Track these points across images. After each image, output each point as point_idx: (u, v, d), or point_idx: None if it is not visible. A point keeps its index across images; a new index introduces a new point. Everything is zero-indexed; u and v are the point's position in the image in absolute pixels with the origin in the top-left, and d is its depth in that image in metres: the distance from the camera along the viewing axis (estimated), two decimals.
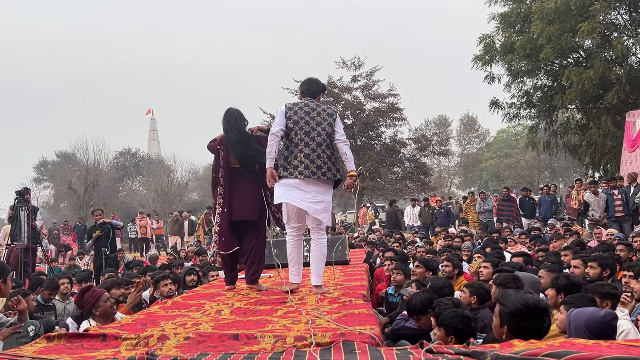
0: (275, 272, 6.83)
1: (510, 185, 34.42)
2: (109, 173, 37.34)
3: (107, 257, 10.29)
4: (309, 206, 4.89)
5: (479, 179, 51.72)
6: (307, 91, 5.25)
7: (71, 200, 33.46)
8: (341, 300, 4.44)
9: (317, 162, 4.91)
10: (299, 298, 4.64)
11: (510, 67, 19.42)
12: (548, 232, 12.11)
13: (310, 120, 4.99)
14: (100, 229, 10.54)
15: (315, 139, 4.95)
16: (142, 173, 41.39)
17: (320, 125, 5.01)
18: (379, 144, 27.07)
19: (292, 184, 4.90)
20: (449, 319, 3.39)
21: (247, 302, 4.65)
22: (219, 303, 4.66)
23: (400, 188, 26.44)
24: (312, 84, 5.29)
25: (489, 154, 49.14)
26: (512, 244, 10.12)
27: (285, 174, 4.91)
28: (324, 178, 4.92)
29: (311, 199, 4.90)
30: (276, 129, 4.93)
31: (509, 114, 20.89)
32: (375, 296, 6.93)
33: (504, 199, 16.01)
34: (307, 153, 4.92)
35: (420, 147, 27.41)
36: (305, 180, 4.88)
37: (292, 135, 4.95)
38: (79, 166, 35.34)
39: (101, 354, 3.01)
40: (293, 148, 4.95)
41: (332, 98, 26.13)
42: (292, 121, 4.96)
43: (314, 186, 4.92)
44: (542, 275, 5.13)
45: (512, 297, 3.01)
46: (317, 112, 5.06)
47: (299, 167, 4.89)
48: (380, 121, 26.50)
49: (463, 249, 9.09)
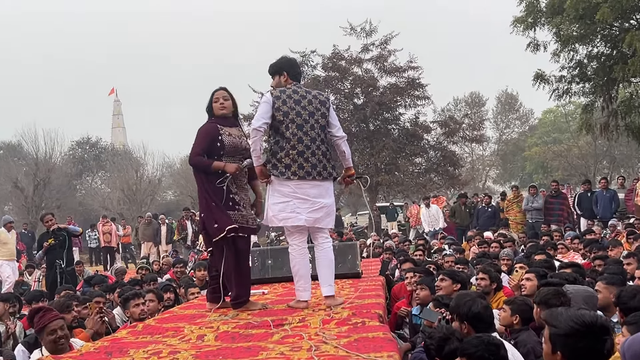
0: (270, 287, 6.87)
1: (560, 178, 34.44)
2: (63, 168, 37.46)
3: (63, 271, 10.31)
4: (308, 218, 5.10)
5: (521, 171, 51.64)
6: (297, 75, 5.38)
7: (17, 202, 33.58)
8: (352, 322, 4.44)
9: (312, 160, 5.10)
10: (299, 319, 4.65)
11: (558, 31, 19.30)
12: (608, 236, 12.09)
13: (301, 110, 5.12)
14: (53, 237, 10.57)
15: (308, 133, 5.11)
16: (105, 167, 41.55)
17: (313, 117, 5.15)
18: (396, 129, 27.02)
19: (285, 192, 5.08)
20: (473, 347, 3.41)
21: (235, 325, 4.66)
22: (202, 326, 4.67)
23: (424, 183, 26.38)
24: (297, 66, 5.46)
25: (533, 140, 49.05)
26: (563, 251, 10.12)
27: (275, 172, 5.08)
28: (320, 178, 5.12)
29: (309, 207, 5.11)
30: (259, 124, 5.03)
31: (557, 90, 20.77)
32: (394, 316, 6.94)
33: (553, 196, 15.98)
34: (301, 150, 5.08)
35: (448, 132, 27.35)
36: (299, 181, 5.06)
37: (283, 129, 5.08)
38: (26, 160, 35.53)
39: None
40: (284, 144, 5.08)
41: (339, 73, 26.09)
42: (282, 113, 5.07)
43: (310, 188, 5.11)
44: (599, 288, 5.13)
45: (564, 315, 3.02)
46: (308, 100, 5.19)
47: (291, 166, 5.05)
48: (398, 100, 26.43)
49: (502, 257, 9.09)
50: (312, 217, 5.11)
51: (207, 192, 5.20)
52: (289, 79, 5.30)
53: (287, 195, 5.09)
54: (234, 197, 5.23)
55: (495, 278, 6.48)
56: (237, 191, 5.27)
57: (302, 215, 5.08)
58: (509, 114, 55.51)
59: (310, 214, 5.11)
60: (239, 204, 5.25)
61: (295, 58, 5.49)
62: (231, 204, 5.20)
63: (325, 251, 5.26)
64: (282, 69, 5.34)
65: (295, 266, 5.19)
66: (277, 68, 5.36)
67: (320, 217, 5.16)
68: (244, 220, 5.25)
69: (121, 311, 7.05)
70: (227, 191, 5.18)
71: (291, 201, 5.09)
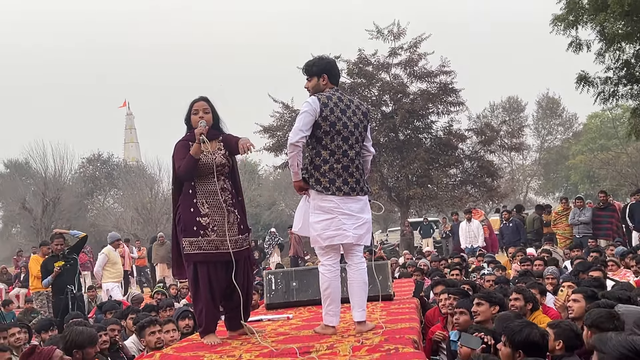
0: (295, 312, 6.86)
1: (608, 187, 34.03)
2: (73, 187, 37.89)
3: (75, 297, 10.37)
4: (354, 235, 5.07)
5: (566, 181, 51.22)
6: (337, 77, 5.31)
7: (25, 224, 34.04)
8: (384, 348, 4.42)
9: (356, 175, 5.11)
10: (327, 346, 4.64)
11: (602, 29, 19.15)
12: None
13: (347, 121, 5.09)
14: (64, 260, 10.63)
15: (353, 146, 5.11)
16: (117, 185, 41.85)
17: (357, 129, 5.15)
18: (428, 138, 26.97)
19: (329, 208, 5.02)
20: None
21: (259, 352, 4.66)
22: (222, 355, 4.68)
23: (459, 196, 26.27)
24: (337, 68, 5.36)
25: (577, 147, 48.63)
26: (614, 268, 9.98)
27: (319, 188, 5.03)
28: (361, 194, 5.13)
29: (354, 222, 5.08)
30: (297, 138, 4.95)
31: (603, 93, 20.57)
32: (429, 342, 6.89)
33: (601, 208, 15.80)
34: (346, 165, 5.06)
35: (485, 140, 27.22)
36: (343, 197, 5.03)
37: (327, 141, 5.04)
38: (34, 179, 35.92)
39: None
40: (328, 157, 5.04)
41: (365, 79, 26.12)
42: (329, 123, 5.01)
43: (353, 203, 5.09)
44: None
45: (613, 340, 3.00)
46: (352, 110, 5.15)
47: (335, 181, 5.02)
48: (430, 107, 26.39)
49: (546, 276, 8.99)
50: (357, 234, 5.08)
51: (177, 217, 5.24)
52: (329, 82, 5.19)
53: (331, 211, 5.02)
54: (201, 220, 5.14)
55: (530, 298, 6.41)
56: (208, 212, 5.16)
57: (349, 232, 5.04)
58: (550, 120, 55.19)
59: (356, 230, 5.08)
60: (207, 228, 5.14)
61: (334, 59, 5.41)
62: (195, 229, 5.13)
63: (360, 272, 5.18)
64: (323, 71, 5.18)
65: (328, 289, 5.08)
66: (318, 69, 5.18)
67: (363, 234, 5.14)
68: (211, 247, 5.15)
69: (136, 339, 7.09)
70: (195, 213, 5.13)
71: (336, 217, 5.02)
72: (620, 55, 20.13)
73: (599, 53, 20.07)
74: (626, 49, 20.03)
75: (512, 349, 4.21)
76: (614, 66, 20.26)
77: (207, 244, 5.14)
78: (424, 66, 26.42)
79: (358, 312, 5.15)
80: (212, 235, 5.15)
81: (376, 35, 26.68)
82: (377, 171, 25.00)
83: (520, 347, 4.19)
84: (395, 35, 26.47)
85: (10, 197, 35.67)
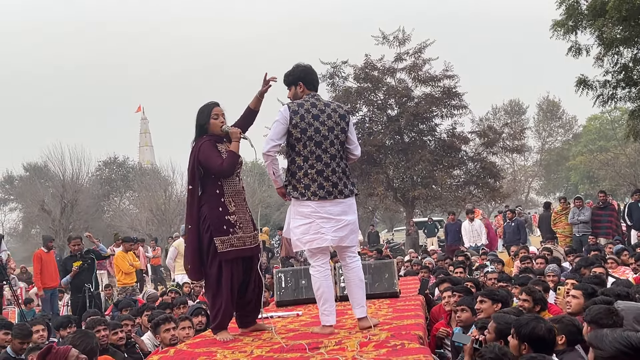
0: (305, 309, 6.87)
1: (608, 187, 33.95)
2: (90, 189, 37.97)
3: (92, 295, 10.43)
4: (333, 238, 5.02)
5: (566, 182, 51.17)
6: (314, 83, 5.27)
7: (44, 225, 34.11)
8: (390, 344, 4.42)
9: (333, 178, 5.03)
10: (335, 342, 4.64)
11: (601, 34, 19.09)
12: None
13: (320, 126, 5.04)
14: (81, 260, 10.69)
15: (328, 150, 5.04)
16: (133, 187, 41.96)
17: (333, 132, 5.07)
18: (432, 140, 26.93)
19: (307, 213, 5.01)
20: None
21: (270, 348, 4.67)
22: (235, 351, 4.70)
23: (463, 196, 26.22)
24: (313, 73, 5.30)
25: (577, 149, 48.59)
26: (614, 265, 9.96)
27: (295, 194, 5.03)
28: (341, 197, 5.05)
29: (333, 225, 5.03)
30: (268, 147, 4.99)
31: (602, 96, 20.52)
32: (433, 338, 6.89)
33: (600, 207, 15.75)
34: (320, 169, 5.01)
35: (487, 142, 27.15)
36: (320, 201, 4.99)
37: (300, 147, 5.02)
38: (53, 181, 36.01)
39: None
40: (302, 163, 5.03)
41: (371, 83, 26.12)
42: (299, 130, 5.00)
43: (332, 206, 5.04)
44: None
45: (609, 336, 2.99)
46: (327, 114, 5.09)
47: (310, 186, 5.00)
48: (434, 111, 26.34)
49: (547, 274, 8.98)
50: (337, 236, 5.03)
51: (202, 217, 5.22)
52: (306, 89, 5.18)
53: (309, 216, 5.01)
54: (230, 218, 5.19)
55: (539, 300, 6.38)
56: (235, 210, 5.23)
57: (328, 235, 4.99)
58: (551, 122, 55.09)
59: (335, 232, 5.02)
60: (235, 226, 5.20)
61: (310, 65, 5.36)
62: (225, 227, 5.17)
63: (354, 271, 5.16)
64: (297, 79, 5.21)
65: (320, 289, 5.06)
66: (292, 78, 5.22)
67: (345, 235, 5.08)
68: (240, 243, 5.21)
69: (152, 336, 7.12)
70: (223, 212, 5.17)
71: (314, 222, 5.00)
72: (619, 59, 20.08)
73: (598, 57, 20.03)
74: (624, 53, 19.98)
75: (518, 342, 4.21)
76: (613, 70, 20.22)
77: (237, 240, 5.19)
78: (428, 71, 26.41)
79: (358, 309, 5.14)
80: (240, 233, 5.22)
81: (382, 41, 26.71)
82: (383, 172, 25.00)
83: (526, 340, 4.17)
84: (401, 41, 26.49)
85: (29, 199, 35.75)
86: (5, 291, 12.05)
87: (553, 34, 19.86)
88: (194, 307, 8.00)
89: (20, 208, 41.51)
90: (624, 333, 3.01)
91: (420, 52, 26.30)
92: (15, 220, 42.66)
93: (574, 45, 19.90)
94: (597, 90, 20.43)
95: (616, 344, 2.93)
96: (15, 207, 43.28)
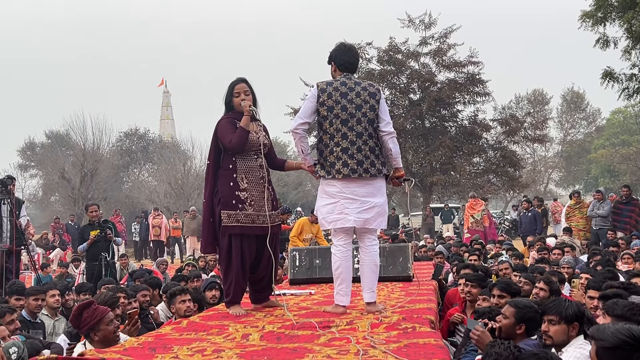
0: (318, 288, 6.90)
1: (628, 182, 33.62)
2: (111, 159, 38.17)
3: (108, 264, 10.52)
4: (357, 219, 5.02)
5: (586, 174, 50.67)
6: (345, 64, 5.24)
7: (64, 193, 34.37)
8: (402, 327, 4.44)
9: (358, 156, 5.01)
10: (347, 322, 4.67)
11: (630, 27, 18.86)
12: None
13: (347, 104, 5.04)
14: (99, 229, 10.76)
15: (354, 128, 5.03)
16: (152, 160, 42.15)
17: (360, 110, 5.05)
18: (454, 127, 26.85)
19: (332, 193, 5.05)
20: None
21: (281, 325, 4.70)
22: (247, 325, 4.73)
23: (481, 184, 26.13)
24: (351, 54, 5.29)
25: (599, 142, 48.05)
26: (629, 261, 9.88)
27: (323, 173, 5.07)
28: (367, 176, 5.02)
29: (358, 207, 5.04)
30: (296, 124, 5.06)
31: (627, 89, 20.31)
32: (446, 323, 6.89)
33: (623, 202, 15.60)
34: (345, 147, 5.01)
35: (509, 131, 27.02)
36: (345, 180, 5.00)
37: (327, 125, 5.05)
38: (74, 150, 36.20)
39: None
40: (328, 141, 5.06)
41: (394, 66, 26.00)
42: (326, 107, 5.03)
43: (358, 187, 5.04)
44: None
45: (611, 328, 3.01)
46: (357, 92, 5.09)
47: (335, 164, 5.01)
48: (457, 97, 26.26)
49: (562, 265, 8.95)
50: (361, 218, 5.02)
51: (215, 190, 5.30)
52: (337, 69, 5.21)
53: (334, 195, 5.03)
54: (240, 194, 5.20)
55: (555, 291, 6.37)
56: (247, 187, 5.23)
57: (351, 216, 5.00)
58: (574, 114, 54.52)
59: (360, 214, 5.01)
60: (245, 202, 5.20)
61: (345, 44, 5.37)
62: (234, 202, 5.19)
63: (371, 254, 5.15)
64: (330, 59, 5.27)
65: (338, 269, 5.09)
66: (329, 58, 5.28)
67: (371, 218, 5.06)
68: (248, 220, 5.21)
69: (165, 307, 7.19)
70: (234, 188, 5.20)
71: (339, 202, 5.02)
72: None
73: (626, 50, 19.79)
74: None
75: (566, 324, 4.17)
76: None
77: (245, 217, 5.19)
78: (453, 56, 26.27)
79: (367, 293, 5.14)
80: (250, 210, 5.22)
81: (407, 24, 26.55)
82: (402, 157, 24.92)
83: (576, 320, 4.17)
84: (427, 25, 26.35)
85: (50, 166, 35.99)
86: (22, 256, 12.20)
87: (581, 25, 19.64)
88: (208, 281, 8.05)
89: (41, 175, 41.74)
90: (626, 325, 3.04)
91: (446, 37, 26.17)
92: (35, 187, 42.91)
93: (602, 37, 19.67)
94: (623, 83, 20.22)
95: (619, 335, 2.95)
96: (35, 174, 43.48)
